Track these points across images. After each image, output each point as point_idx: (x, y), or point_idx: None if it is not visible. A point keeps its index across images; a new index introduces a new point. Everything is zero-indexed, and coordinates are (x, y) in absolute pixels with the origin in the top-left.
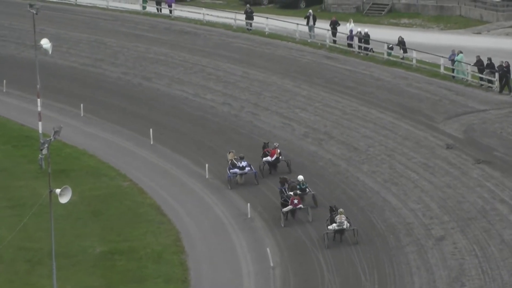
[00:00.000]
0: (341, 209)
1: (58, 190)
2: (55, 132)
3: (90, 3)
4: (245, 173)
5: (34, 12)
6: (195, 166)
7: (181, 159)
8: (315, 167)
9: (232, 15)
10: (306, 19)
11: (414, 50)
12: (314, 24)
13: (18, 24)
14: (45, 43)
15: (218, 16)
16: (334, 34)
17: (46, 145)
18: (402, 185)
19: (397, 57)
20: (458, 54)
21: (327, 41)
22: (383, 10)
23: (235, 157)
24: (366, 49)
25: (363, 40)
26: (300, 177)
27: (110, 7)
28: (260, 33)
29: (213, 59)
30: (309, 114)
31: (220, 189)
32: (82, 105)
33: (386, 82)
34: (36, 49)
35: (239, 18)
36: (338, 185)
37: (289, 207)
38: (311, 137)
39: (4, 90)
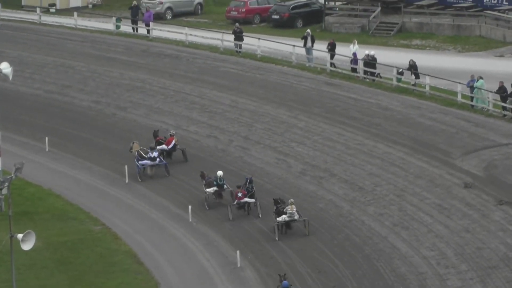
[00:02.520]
0: (291, 200)
1: (20, 235)
2: (17, 169)
3: (56, 22)
4: (156, 164)
5: None
6: (177, 208)
7: (161, 200)
8: (315, 209)
9: (218, 35)
10: (303, 40)
11: (428, 75)
12: (312, 45)
13: None
14: (5, 67)
15: (203, 37)
16: (332, 57)
17: (6, 184)
18: (414, 229)
19: (408, 83)
20: (477, 80)
21: (328, 65)
22: (392, 30)
23: (141, 147)
24: (372, 74)
25: (369, 64)
26: (219, 173)
27: (78, 27)
28: (251, 56)
29: (197, 85)
30: (307, 149)
31: (205, 234)
32: (47, 138)
33: (396, 112)
34: None
35: (227, 39)
36: (340, 230)
37: (235, 202)
38: (310, 175)
39: None
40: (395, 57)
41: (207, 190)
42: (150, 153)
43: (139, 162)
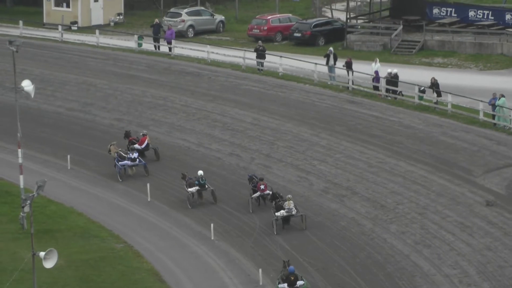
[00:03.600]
0: (289, 195)
1: (42, 254)
2: (39, 187)
3: (78, 40)
4: (136, 164)
5: (14, 49)
6: (198, 225)
7: (182, 218)
8: (336, 227)
9: (240, 53)
10: (326, 58)
11: (449, 93)
12: (335, 63)
13: None
14: (27, 85)
15: (224, 55)
16: (349, 75)
17: (28, 201)
18: (436, 247)
19: (430, 101)
20: (499, 98)
21: (350, 83)
22: (414, 48)
23: (120, 149)
24: (394, 92)
25: (391, 82)
26: (200, 172)
27: (100, 44)
28: (273, 74)
29: (219, 103)
30: (329, 167)
31: (227, 252)
32: (69, 156)
33: (418, 130)
34: (16, 92)
35: (249, 57)
36: (362, 248)
37: (257, 193)
38: (332, 193)
39: None
40: (417, 75)
41: (189, 189)
42: (130, 154)
43: (120, 162)
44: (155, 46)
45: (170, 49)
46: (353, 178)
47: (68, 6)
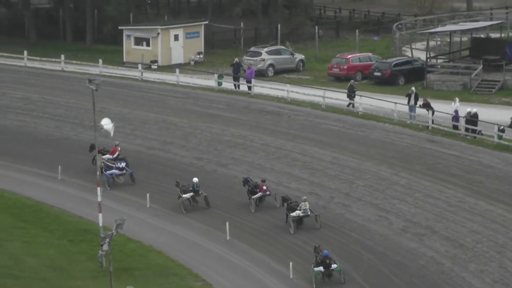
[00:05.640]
0: (304, 197)
1: None
2: (118, 225)
3: (158, 79)
4: (124, 173)
5: (94, 88)
6: (277, 264)
7: (261, 256)
8: (415, 266)
9: (320, 92)
10: (407, 98)
11: None
12: (415, 103)
13: (75, 102)
14: (106, 123)
15: (304, 94)
16: (430, 114)
17: (107, 240)
18: None
19: (510, 140)
20: None
21: (430, 122)
22: (494, 88)
23: (105, 160)
24: (473, 131)
25: (470, 122)
26: (195, 179)
27: (180, 83)
28: (353, 113)
29: (299, 142)
30: (409, 206)
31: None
32: (148, 194)
33: (497, 169)
34: (96, 130)
35: (329, 96)
36: (441, 287)
37: (259, 194)
38: (411, 232)
39: (59, 178)
40: (496, 114)
41: (184, 196)
42: (118, 163)
43: (107, 172)
44: (235, 85)
45: (250, 88)
46: (432, 217)
47: (148, 45)
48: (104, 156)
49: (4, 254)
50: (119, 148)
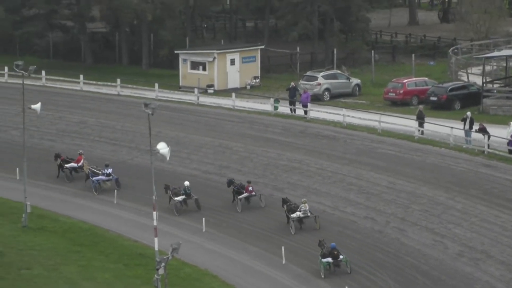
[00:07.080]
0: (304, 199)
1: None
2: (173, 250)
3: (213, 103)
4: (110, 179)
5: (150, 112)
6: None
7: (318, 282)
8: None
9: (376, 116)
10: (463, 122)
11: None
12: (471, 128)
13: (131, 126)
14: (162, 147)
15: (360, 118)
16: (486, 139)
17: (163, 264)
18: None
19: None
20: None
21: (486, 147)
22: None
23: (92, 166)
24: None
25: None
26: (186, 183)
27: (236, 108)
28: (409, 137)
29: (355, 167)
30: (464, 230)
31: None
32: (203, 219)
33: None
34: (151, 154)
35: (385, 120)
36: None
37: (245, 194)
38: (467, 257)
39: (115, 202)
40: None
41: (176, 198)
42: (105, 169)
43: (94, 178)
44: (291, 109)
45: (306, 112)
46: (488, 242)
47: (204, 69)
48: (68, 165)
49: (60, 278)
50: (84, 157)
